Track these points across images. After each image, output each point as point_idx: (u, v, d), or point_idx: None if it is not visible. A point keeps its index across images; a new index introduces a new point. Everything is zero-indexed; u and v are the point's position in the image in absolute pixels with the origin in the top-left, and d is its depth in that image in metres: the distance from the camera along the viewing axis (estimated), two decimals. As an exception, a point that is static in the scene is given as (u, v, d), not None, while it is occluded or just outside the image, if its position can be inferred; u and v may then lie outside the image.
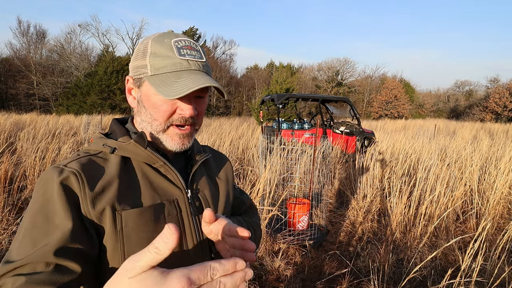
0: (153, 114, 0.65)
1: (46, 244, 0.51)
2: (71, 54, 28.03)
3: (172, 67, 0.62)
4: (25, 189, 4.03)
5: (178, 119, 0.65)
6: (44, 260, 0.49)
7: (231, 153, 6.38)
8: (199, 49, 0.67)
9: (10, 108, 22.93)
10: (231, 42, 42.57)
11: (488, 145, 6.42)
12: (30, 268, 0.49)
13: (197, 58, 0.65)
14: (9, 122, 9.05)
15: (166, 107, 0.64)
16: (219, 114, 29.66)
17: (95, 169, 0.60)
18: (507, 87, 31.63)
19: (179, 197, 0.66)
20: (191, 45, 0.66)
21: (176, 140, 0.67)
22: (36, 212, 0.54)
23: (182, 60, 0.63)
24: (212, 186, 0.76)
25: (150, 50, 0.64)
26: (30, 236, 0.52)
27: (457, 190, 3.74)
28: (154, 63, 0.63)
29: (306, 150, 4.30)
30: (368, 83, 37.54)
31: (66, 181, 0.56)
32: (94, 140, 0.68)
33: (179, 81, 0.61)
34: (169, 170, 0.66)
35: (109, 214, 0.57)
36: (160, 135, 0.66)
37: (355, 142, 7.36)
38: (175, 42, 0.64)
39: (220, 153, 0.90)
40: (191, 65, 0.64)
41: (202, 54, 0.67)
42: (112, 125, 0.72)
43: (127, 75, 0.71)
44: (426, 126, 15.44)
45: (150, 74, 0.63)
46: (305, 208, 3.42)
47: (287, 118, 14.76)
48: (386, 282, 2.62)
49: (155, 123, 0.65)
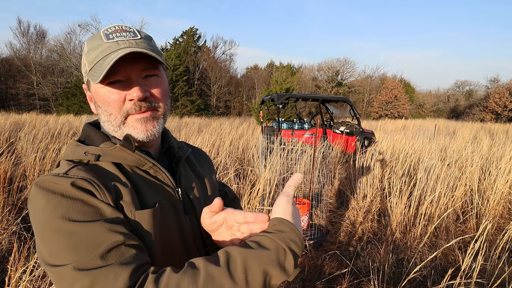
0: (107, 109, 0.61)
1: (106, 232, 0.49)
2: (71, 54, 28.00)
3: (102, 53, 0.59)
4: (25, 189, 4.02)
5: (132, 107, 0.61)
6: (118, 243, 0.49)
7: (231, 153, 6.37)
8: (133, 30, 0.63)
9: (10, 108, 22.94)
10: (231, 42, 42.50)
11: (488, 145, 6.42)
12: (119, 253, 0.48)
13: (128, 37, 0.61)
14: (9, 122, 9.05)
15: (114, 96, 0.60)
16: (219, 114, 29.65)
17: (99, 174, 0.58)
18: (507, 87, 31.62)
19: (171, 196, 0.66)
20: (121, 28, 0.62)
21: (138, 127, 0.62)
22: (65, 213, 0.49)
23: (111, 43, 0.59)
24: (198, 182, 0.77)
25: (86, 48, 0.62)
26: (79, 236, 0.48)
27: (457, 190, 3.74)
28: (89, 58, 0.61)
29: (306, 150, 4.30)
30: (368, 83, 37.51)
31: (78, 183, 0.53)
32: (70, 148, 0.63)
33: (105, 62, 0.57)
34: (159, 170, 0.65)
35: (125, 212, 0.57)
36: (122, 128, 0.62)
37: (355, 142, 7.36)
38: (104, 31, 0.61)
39: (197, 148, 0.89)
40: (120, 45, 0.59)
41: (138, 33, 0.62)
42: (86, 130, 0.66)
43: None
44: (426, 126, 15.44)
45: (89, 69, 0.61)
46: (305, 208, 3.41)
47: (287, 118, 14.77)
48: (386, 282, 2.62)
49: (111, 118, 0.62)
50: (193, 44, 32.08)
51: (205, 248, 0.71)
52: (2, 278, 2.33)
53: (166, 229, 0.62)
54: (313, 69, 39.29)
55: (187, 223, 0.68)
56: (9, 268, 1.73)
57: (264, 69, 38.19)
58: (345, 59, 37.70)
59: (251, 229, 0.56)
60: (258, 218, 0.55)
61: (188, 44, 31.31)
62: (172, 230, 0.64)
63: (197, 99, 28.22)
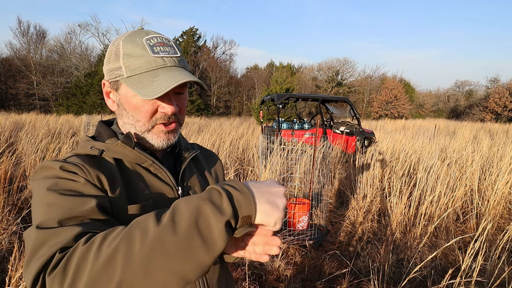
0: (135, 115, 0.64)
1: (83, 204, 0.52)
2: (71, 54, 28.01)
3: (147, 66, 0.61)
4: (25, 189, 4.02)
5: (162, 118, 0.64)
6: (88, 216, 0.52)
7: (231, 153, 6.37)
8: (172, 44, 0.65)
9: (10, 108, 22.94)
10: (231, 42, 42.52)
11: (488, 145, 6.42)
12: (78, 220, 0.51)
13: (171, 54, 0.63)
14: (9, 122, 9.05)
15: (147, 108, 0.63)
16: (219, 114, 29.66)
17: (94, 164, 0.61)
18: (507, 87, 31.61)
19: (170, 194, 0.67)
20: (163, 41, 0.64)
21: (162, 136, 0.66)
22: (49, 188, 0.54)
23: (156, 58, 0.61)
24: (203, 183, 0.77)
25: (123, 51, 0.62)
26: (58, 205, 0.52)
27: (457, 190, 3.74)
28: (129, 64, 0.62)
29: (306, 150, 4.30)
30: (368, 83, 37.51)
31: (65, 167, 0.57)
32: (80, 143, 0.67)
33: (157, 80, 0.59)
34: (159, 168, 0.67)
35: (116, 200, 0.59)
36: (145, 134, 0.66)
37: (355, 142, 7.36)
38: (147, 40, 0.62)
39: (210, 151, 0.90)
40: (166, 62, 0.62)
41: (176, 49, 0.65)
42: (98, 127, 0.71)
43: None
44: (426, 126, 15.44)
45: (126, 76, 0.62)
46: (305, 208, 3.41)
47: (287, 118, 14.77)
48: (386, 282, 2.62)
49: (138, 124, 0.65)
50: (193, 44, 32.08)
51: None
52: (2, 278, 2.33)
53: None
54: (313, 69, 39.29)
55: None
56: (9, 268, 1.73)
57: (264, 69, 38.19)
58: (345, 59, 37.73)
59: (254, 241, 0.55)
60: (261, 231, 0.53)
61: (188, 44, 31.31)
62: None
63: (197, 99, 28.22)
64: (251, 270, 2.65)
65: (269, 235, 0.53)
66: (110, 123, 0.74)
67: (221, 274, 0.75)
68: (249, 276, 2.54)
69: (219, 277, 0.73)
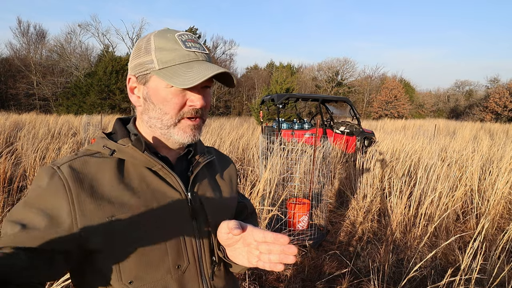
0: (163, 108, 0.64)
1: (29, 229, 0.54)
2: (71, 54, 28.01)
3: (181, 59, 0.62)
4: (25, 189, 4.02)
5: (189, 111, 0.65)
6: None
7: (231, 153, 6.38)
8: (200, 42, 0.68)
9: (10, 108, 22.93)
10: (231, 42, 42.49)
11: (488, 145, 6.42)
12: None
13: (201, 50, 0.66)
14: (9, 122, 9.05)
15: (177, 100, 0.63)
16: (219, 114, 29.65)
17: (88, 171, 0.60)
18: (507, 87, 31.60)
19: (178, 200, 0.66)
20: (193, 38, 0.66)
21: (188, 132, 0.66)
22: (31, 199, 0.57)
23: (189, 52, 0.63)
24: (216, 189, 0.76)
25: (154, 45, 0.63)
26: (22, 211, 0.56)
27: (457, 190, 3.74)
28: (161, 57, 0.62)
29: (306, 150, 4.30)
30: (368, 83, 37.51)
31: (55, 180, 0.58)
32: (96, 140, 0.68)
33: (192, 71, 0.61)
34: (168, 173, 0.66)
35: (98, 220, 0.57)
36: (171, 129, 0.65)
37: (355, 142, 7.36)
38: (179, 36, 0.64)
39: (226, 156, 0.89)
40: (198, 56, 0.64)
41: (204, 47, 0.68)
42: (115, 124, 0.71)
43: (127, 75, 0.70)
44: (426, 126, 15.44)
45: (158, 68, 0.62)
46: (305, 208, 3.41)
47: (287, 118, 14.75)
48: (386, 282, 2.62)
49: (165, 117, 0.64)
50: (193, 44, 32.03)
51: (212, 259, 0.70)
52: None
53: (156, 231, 0.62)
54: (313, 69, 39.31)
55: (191, 228, 0.67)
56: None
57: (264, 69, 38.20)
58: (345, 59, 37.73)
59: (270, 249, 0.55)
60: (277, 239, 0.54)
61: (188, 44, 31.26)
62: (165, 234, 0.63)
63: (197, 99, 28.16)
64: (251, 270, 2.65)
65: (286, 243, 0.53)
66: (126, 121, 0.73)
67: (228, 282, 0.75)
68: (249, 276, 2.54)
69: (225, 285, 0.73)
